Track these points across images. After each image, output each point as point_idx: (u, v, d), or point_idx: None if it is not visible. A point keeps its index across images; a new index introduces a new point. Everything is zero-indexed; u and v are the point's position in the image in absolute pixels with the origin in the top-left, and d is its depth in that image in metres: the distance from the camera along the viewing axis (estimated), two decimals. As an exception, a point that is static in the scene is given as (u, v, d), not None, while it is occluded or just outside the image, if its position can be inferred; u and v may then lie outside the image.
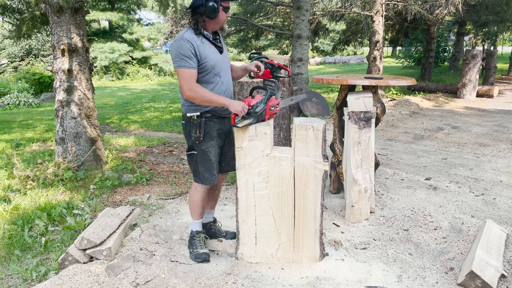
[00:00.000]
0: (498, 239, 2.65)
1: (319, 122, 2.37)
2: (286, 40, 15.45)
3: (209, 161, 2.46)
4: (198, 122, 2.38)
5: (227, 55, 2.50)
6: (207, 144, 2.44)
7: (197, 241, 2.62)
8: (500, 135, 6.16)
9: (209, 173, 2.48)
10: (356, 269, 2.47)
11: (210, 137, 2.43)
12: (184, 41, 2.23)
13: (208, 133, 2.42)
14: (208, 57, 2.29)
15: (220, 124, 2.47)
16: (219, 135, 2.48)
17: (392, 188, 3.86)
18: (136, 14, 23.51)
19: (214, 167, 2.49)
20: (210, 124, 2.42)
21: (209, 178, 2.49)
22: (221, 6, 2.30)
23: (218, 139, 2.48)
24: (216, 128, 2.45)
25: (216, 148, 2.47)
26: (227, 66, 2.48)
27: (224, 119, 2.50)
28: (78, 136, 4.22)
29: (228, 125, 2.55)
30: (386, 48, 33.76)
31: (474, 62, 9.93)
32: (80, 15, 4.09)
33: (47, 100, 12.50)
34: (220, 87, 2.40)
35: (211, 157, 2.46)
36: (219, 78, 2.39)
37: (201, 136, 2.39)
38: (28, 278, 2.42)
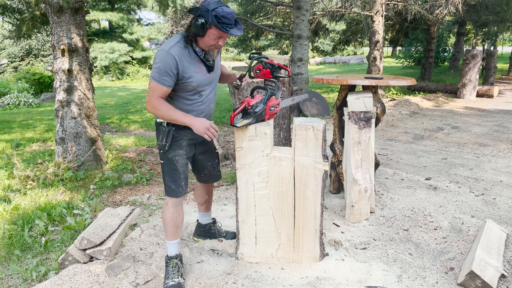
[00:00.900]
0: (498, 239, 2.65)
1: (319, 122, 2.37)
2: (286, 40, 15.45)
3: (176, 171, 2.29)
4: (167, 130, 2.22)
5: (218, 70, 2.35)
6: (174, 153, 2.27)
7: (170, 269, 2.31)
8: (500, 135, 6.16)
9: (176, 184, 2.29)
10: (356, 269, 2.47)
11: (178, 146, 2.28)
12: (170, 56, 2.05)
13: (177, 141, 2.27)
14: (192, 77, 2.14)
15: (193, 134, 2.27)
16: (190, 145, 2.33)
17: (392, 188, 3.86)
18: (136, 14, 23.52)
19: (181, 178, 2.30)
20: (181, 133, 2.26)
21: (176, 190, 2.30)
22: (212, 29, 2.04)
23: (188, 149, 2.32)
24: (187, 138, 2.29)
25: (184, 158, 2.31)
26: (214, 83, 2.34)
27: None
28: (78, 136, 4.22)
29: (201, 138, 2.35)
30: (386, 48, 33.78)
31: (474, 62, 9.93)
32: (80, 15, 4.09)
33: (47, 100, 12.50)
34: (198, 106, 2.26)
35: (178, 167, 2.29)
36: (199, 97, 2.25)
37: (166, 145, 2.24)
38: (28, 278, 2.42)
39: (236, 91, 3.70)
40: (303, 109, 7.52)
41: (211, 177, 2.62)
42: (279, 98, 2.45)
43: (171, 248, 2.37)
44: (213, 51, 2.17)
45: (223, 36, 2.08)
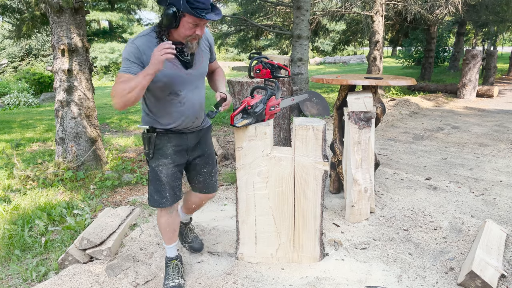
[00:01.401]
0: (498, 239, 2.65)
1: (319, 122, 2.37)
2: (286, 40, 15.45)
3: (159, 181, 2.10)
4: (147, 137, 2.06)
5: (201, 69, 2.05)
6: (157, 162, 2.09)
7: (170, 270, 2.30)
8: (500, 135, 6.16)
9: (159, 195, 2.13)
10: (356, 269, 2.47)
11: (162, 155, 2.08)
12: (131, 44, 1.85)
13: (160, 149, 2.08)
14: (162, 71, 1.87)
15: (179, 139, 2.11)
16: (177, 152, 2.12)
17: (392, 188, 3.86)
18: (136, 14, 23.53)
19: (165, 189, 2.11)
20: (164, 139, 2.08)
21: (158, 201, 2.13)
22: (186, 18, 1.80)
23: (175, 156, 2.11)
24: (172, 144, 2.09)
25: (170, 167, 2.10)
26: (197, 83, 2.05)
27: (186, 134, 2.13)
28: (78, 136, 4.22)
29: (193, 140, 2.17)
30: (386, 48, 33.78)
31: (474, 62, 9.93)
32: (80, 15, 4.09)
33: (47, 100, 12.50)
34: (176, 108, 2.01)
35: (162, 177, 2.09)
36: (176, 97, 1.98)
37: (150, 152, 2.07)
38: (28, 278, 2.42)
39: (236, 91, 3.70)
40: (303, 109, 7.52)
41: (205, 186, 2.33)
42: (279, 98, 2.45)
43: (170, 251, 2.33)
44: (191, 43, 1.89)
45: (199, 24, 1.82)
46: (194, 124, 2.13)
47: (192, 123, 2.10)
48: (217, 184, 2.41)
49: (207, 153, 2.28)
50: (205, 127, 2.25)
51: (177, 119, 2.04)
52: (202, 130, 2.23)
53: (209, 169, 2.31)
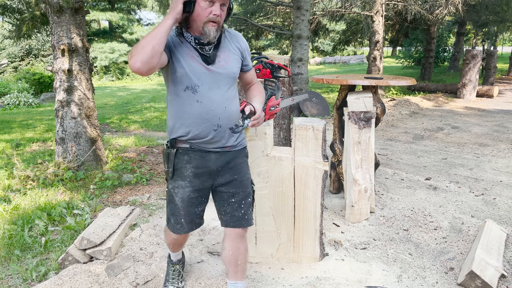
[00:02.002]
0: (498, 239, 2.65)
1: (319, 122, 2.37)
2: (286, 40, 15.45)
3: (174, 205, 1.90)
4: (166, 153, 1.85)
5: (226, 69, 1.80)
6: (174, 184, 1.87)
7: (171, 273, 2.27)
8: (500, 135, 6.16)
9: (175, 219, 1.92)
10: (356, 269, 2.47)
11: (180, 176, 1.85)
12: None
13: (178, 169, 1.85)
14: (181, 61, 1.73)
15: (200, 160, 1.84)
16: (198, 175, 1.85)
17: (392, 188, 3.86)
18: (136, 14, 23.55)
19: (180, 214, 1.90)
20: (183, 159, 1.84)
21: (173, 226, 1.94)
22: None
23: (194, 180, 1.85)
24: (192, 165, 1.84)
25: (187, 191, 1.85)
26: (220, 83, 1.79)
27: (209, 154, 1.84)
28: (78, 136, 4.22)
29: (218, 162, 1.87)
30: (386, 48, 33.78)
31: (474, 62, 9.93)
32: (80, 15, 4.09)
33: (47, 100, 12.49)
34: (193, 107, 1.76)
35: (177, 201, 1.88)
36: (193, 93, 1.75)
37: (169, 171, 1.86)
38: (28, 278, 2.42)
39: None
40: (303, 109, 7.52)
41: (232, 219, 1.94)
42: (279, 98, 2.45)
43: (173, 256, 2.26)
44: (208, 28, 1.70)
45: (214, 2, 1.68)
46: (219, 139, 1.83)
47: (214, 131, 1.79)
48: (250, 217, 1.98)
49: (237, 180, 1.91)
50: (236, 149, 1.92)
51: (195, 122, 1.77)
52: (230, 152, 1.90)
53: (239, 198, 1.92)
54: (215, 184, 1.91)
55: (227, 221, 1.95)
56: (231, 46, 1.86)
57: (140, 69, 1.56)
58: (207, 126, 1.78)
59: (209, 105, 1.77)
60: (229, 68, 1.81)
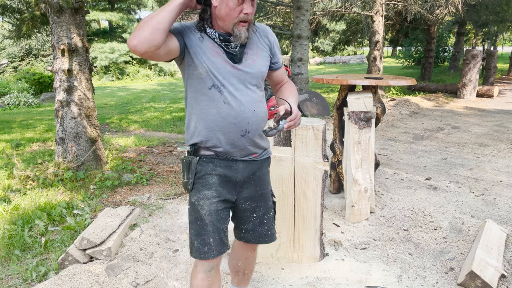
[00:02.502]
0: (498, 239, 2.65)
1: (319, 122, 2.37)
2: (286, 40, 15.46)
3: (201, 221, 1.60)
4: (187, 161, 1.61)
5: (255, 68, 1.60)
6: (198, 195, 1.61)
7: None
8: (500, 135, 6.16)
9: (200, 240, 1.60)
10: (356, 269, 2.47)
11: (204, 185, 1.61)
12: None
13: (201, 178, 1.61)
14: (204, 57, 1.53)
15: (226, 168, 1.62)
16: (224, 183, 1.64)
17: (392, 188, 3.86)
18: (136, 14, 23.54)
19: (208, 232, 1.59)
20: (208, 166, 1.61)
21: (200, 250, 1.60)
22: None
23: (221, 188, 1.62)
24: (217, 173, 1.62)
25: (214, 202, 1.61)
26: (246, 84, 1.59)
27: (236, 162, 1.64)
28: (78, 136, 4.22)
29: (245, 172, 1.66)
30: (386, 48, 33.78)
31: (474, 62, 9.93)
32: (80, 15, 4.09)
33: (47, 100, 12.49)
34: (220, 108, 1.55)
35: (204, 215, 1.60)
36: (219, 93, 1.54)
37: (189, 182, 1.61)
38: (28, 278, 2.42)
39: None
40: (303, 109, 7.52)
41: (255, 236, 1.77)
42: (279, 98, 2.45)
43: None
44: (239, 29, 1.51)
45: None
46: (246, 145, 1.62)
47: (241, 137, 1.59)
48: (274, 232, 1.82)
49: (259, 193, 1.73)
50: (262, 158, 1.73)
51: (220, 126, 1.56)
52: (257, 161, 1.70)
53: (260, 213, 1.75)
54: (238, 198, 1.69)
55: (248, 238, 1.78)
56: (259, 42, 1.65)
57: (137, 47, 1.36)
58: (234, 131, 1.58)
59: (238, 108, 1.56)
60: (257, 67, 1.62)
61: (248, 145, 1.63)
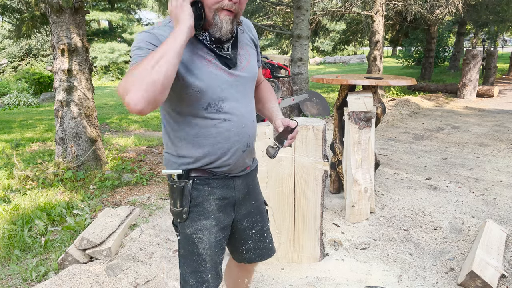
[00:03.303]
0: (498, 239, 2.65)
1: (319, 122, 2.37)
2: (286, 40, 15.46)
3: (198, 256, 1.38)
4: (179, 187, 1.35)
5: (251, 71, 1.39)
6: (196, 226, 1.37)
7: None
8: (500, 135, 6.16)
9: (197, 278, 1.38)
10: (356, 269, 2.46)
11: (202, 213, 1.38)
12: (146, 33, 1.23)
13: (199, 205, 1.37)
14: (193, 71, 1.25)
15: (224, 189, 1.41)
16: (223, 208, 1.42)
17: (392, 188, 3.86)
18: (136, 14, 23.54)
19: (206, 268, 1.39)
20: (204, 191, 1.37)
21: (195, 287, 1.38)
22: None
23: (219, 215, 1.41)
24: (216, 196, 1.39)
25: (213, 233, 1.39)
26: (244, 92, 1.38)
27: (233, 180, 1.43)
28: (78, 136, 4.21)
29: (242, 189, 1.47)
30: (386, 48, 33.78)
31: (474, 62, 9.93)
32: (80, 15, 4.09)
33: (47, 100, 12.49)
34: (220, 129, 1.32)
35: (202, 250, 1.38)
36: (216, 113, 1.30)
37: (183, 211, 1.36)
38: (28, 278, 2.42)
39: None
40: (303, 109, 7.52)
41: (257, 254, 1.59)
42: (279, 98, 2.45)
43: None
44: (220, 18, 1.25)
45: None
46: (244, 160, 1.42)
47: (242, 152, 1.39)
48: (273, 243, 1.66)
49: (254, 206, 1.54)
50: (253, 168, 1.53)
51: (222, 146, 1.34)
52: (250, 173, 1.51)
53: (259, 228, 1.57)
54: (236, 217, 1.49)
55: (251, 257, 1.59)
56: (246, 38, 1.44)
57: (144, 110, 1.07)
58: (237, 148, 1.37)
59: (240, 122, 1.35)
60: (252, 69, 1.41)
61: (246, 159, 1.44)
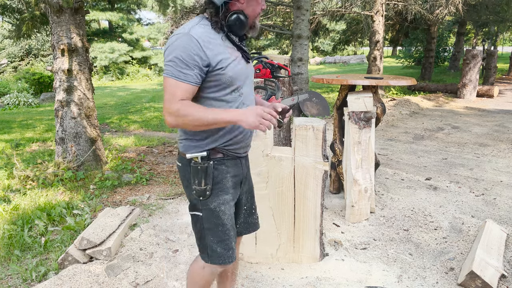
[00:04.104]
0: (498, 239, 2.65)
1: (319, 122, 2.37)
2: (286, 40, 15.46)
3: (222, 226, 1.59)
4: (203, 167, 1.54)
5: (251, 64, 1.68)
6: (218, 201, 1.58)
7: None
8: (500, 135, 6.16)
9: (223, 245, 1.59)
10: (356, 269, 2.46)
11: (222, 189, 1.58)
12: (187, 37, 1.40)
13: (219, 182, 1.58)
14: (227, 65, 1.47)
15: (236, 167, 1.63)
16: (235, 184, 1.65)
17: (392, 188, 3.86)
18: (136, 14, 23.53)
19: (230, 237, 1.61)
20: (222, 170, 1.58)
21: (224, 255, 1.59)
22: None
23: (233, 191, 1.63)
24: (231, 174, 1.61)
25: (231, 206, 1.63)
26: (251, 78, 1.65)
27: (240, 160, 1.67)
28: (78, 136, 4.21)
29: (246, 167, 1.75)
30: (386, 48, 33.77)
31: (474, 62, 9.93)
32: (80, 15, 4.09)
33: (47, 100, 12.48)
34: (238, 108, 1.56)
35: (225, 220, 1.59)
36: (239, 97, 1.56)
37: (207, 189, 1.55)
38: (28, 278, 2.42)
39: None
40: (303, 109, 7.52)
41: (245, 226, 1.83)
42: (279, 98, 2.45)
43: None
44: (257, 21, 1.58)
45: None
46: (249, 142, 1.70)
47: (250, 133, 1.66)
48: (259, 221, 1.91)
49: (250, 184, 1.83)
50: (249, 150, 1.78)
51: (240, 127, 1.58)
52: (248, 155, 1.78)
53: (249, 205, 1.81)
54: (241, 193, 1.73)
55: (240, 230, 1.81)
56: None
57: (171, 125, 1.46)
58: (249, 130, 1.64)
59: (251, 101, 1.64)
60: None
61: (250, 141, 1.71)
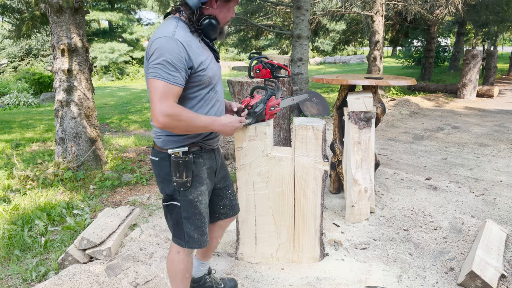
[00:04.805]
0: (498, 239, 2.65)
1: (319, 122, 2.37)
2: (286, 40, 15.46)
3: (199, 215, 1.75)
4: (185, 161, 1.67)
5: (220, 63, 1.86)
6: (196, 192, 1.73)
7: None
8: (500, 135, 6.16)
9: (199, 232, 1.77)
10: (356, 269, 2.47)
11: (199, 181, 1.74)
12: (174, 41, 1.51)
13: (197, 175, 1.73)
14: (206, 66, 1.62)
15: (210, 160, 1.81)
16: (210, 175, 1.83)
17: (392, 188, 3.86)
18: (136, 14, 23.55)
19: (205, 224, 1.79)
20: (200, 163, 1.74)
21: (199, 240, 1.77)
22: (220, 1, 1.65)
23: (208, 181, 1.81)
24: (206, 166, 1.78)
25: (206, 196, 1.80)
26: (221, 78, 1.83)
27: (214, 152, 1.86)
28: (78, 136, 4.22)
29: (219, 158, 1.94)
30: (386, 48, 33.77)
31: (474, 62, 9.93)
32: (80, 15, 4.09)
33: (47, 100, 12.48)
34: (215, 107, 1.75)
35: (201, 209, 1.76)
36: (215, 95, 1.73)
37: (188, 181, 1.69)
38: (28, 278, 2.42)
39: (236, 91, 3.70)
40: (303, 109, 7.52)
41: (232, 208, 2.05)
42: (279, 98, 2.45)
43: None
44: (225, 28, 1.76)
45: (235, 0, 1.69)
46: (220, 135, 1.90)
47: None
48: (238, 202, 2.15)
49: (225, 171, 2.03)
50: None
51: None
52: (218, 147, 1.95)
53: (232, 189, 2.06)
54: (215, 182, 1.92)
55: (227, 213, 2.03)
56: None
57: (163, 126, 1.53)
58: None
59: (222, 102, 1.83)
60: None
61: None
